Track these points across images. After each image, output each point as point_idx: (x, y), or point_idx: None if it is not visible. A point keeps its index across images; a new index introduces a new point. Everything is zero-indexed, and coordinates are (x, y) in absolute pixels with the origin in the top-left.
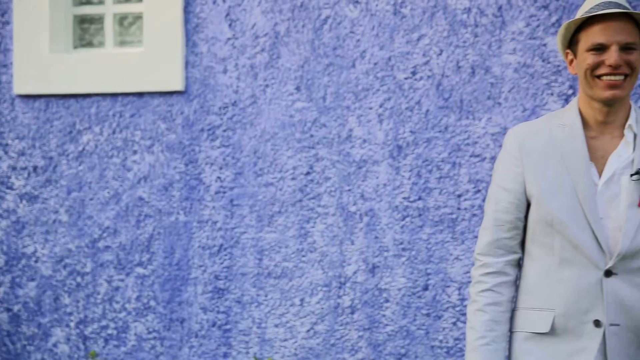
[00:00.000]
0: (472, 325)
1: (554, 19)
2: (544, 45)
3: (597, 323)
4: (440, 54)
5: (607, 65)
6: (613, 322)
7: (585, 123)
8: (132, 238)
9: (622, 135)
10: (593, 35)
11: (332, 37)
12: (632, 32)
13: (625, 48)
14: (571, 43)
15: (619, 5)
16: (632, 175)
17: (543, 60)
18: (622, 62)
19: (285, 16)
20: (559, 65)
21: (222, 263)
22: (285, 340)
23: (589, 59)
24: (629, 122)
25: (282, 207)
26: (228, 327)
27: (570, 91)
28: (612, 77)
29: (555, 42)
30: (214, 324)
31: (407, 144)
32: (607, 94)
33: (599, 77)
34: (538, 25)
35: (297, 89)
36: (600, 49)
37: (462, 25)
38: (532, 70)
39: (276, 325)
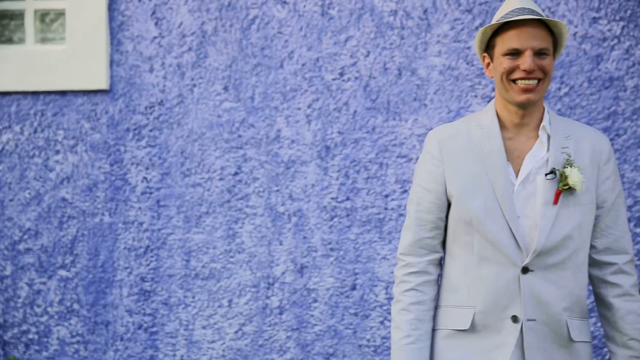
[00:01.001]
0: (397, 324)
1: (477, 22)
2: (468, 48)
3: (515, 319)
4: (368, 56)
5: (521, 69)
6: (530, 318)
7: (502, 125)
8: (55, 240)
9: (537, 137)
10: (508, 40)
11: (260, 37)
12: (545, 38)
13: (539, 53)
14: (488, 47)
15: (533, 12)
16: (547, 174)
17: (467, 63)
18: (536, 66)
19: (212, 15)
20: (482, 68)
21: (148, 265)
22: (213, 341)
23: (505, 63)
24: (543, 123)
25: (209, 208)
26: (154, 329)
27: (493, 93)
28: (527, 82)
29: None
30: (140, 327)
31: (335, 144)
32: (522, 97)
33: (514, 81)
34: (462, 29)
35: (225, 88)
36: (515, 53)
37: (388, 27)
38: (457, 72)
39: (204, 327)
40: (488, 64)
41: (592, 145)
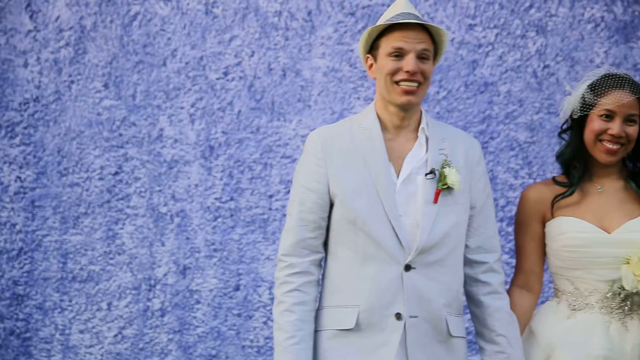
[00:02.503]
0: (281, 326)
1: (360, 25)
2: (351, 50)
3: (398, 316)
4: (252, 56)
5: (404, 71)
6: (412, 314)
7: (382, 126)
8: None
9: (416, 138)
10: (394, 40)
11: (141, 34)
12: (428, 43)
13: (421, 57)
14: (372, 48)
15: (417, 17)
16: (427, 174)
17: (350, 65)
18: (418, 69)
19: (91, 10)
20: (364, 71)
21: (21, 268)
22: (90, 346)
23: (389, 64)
24: (422, 125)
25: (88, 208)
26: (28, 335)
27: (375, 95)
28: (408, 84)
29: None
30: (12, 333)
31: (219, 144)
32: (403, 99)
33: (397, 82)
34: (345, 32)
35: (105, 86)
36: (400, 54)
37: (273, 28)
38: (340, 74)
39: (81, 331)
40: (371, 65)
41: (465, 148)
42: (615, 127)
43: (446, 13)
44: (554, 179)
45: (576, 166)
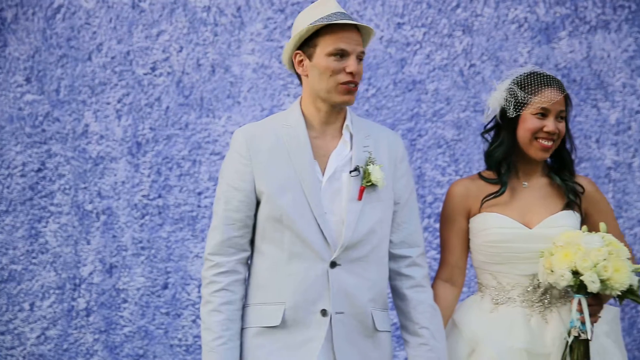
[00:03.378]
0: (208, 326)
1: (289, 22)
2: (281, 47)
3: (323, 312)
4: (181, 51)
5: (347, 72)
6: (338, 311)
7: (308, 124)
8: None
9: (340, 135)
10: (336, 41)
11: (65, 28)
12: (362, 44)
13: (359, 58)
14: (304, 45)
15: (350, 17)
16: (351, 171)
17: (280, 62)
18: (359, 71)
19: (12, 2)
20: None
21: None
22: (12, 348)
23: (332, 64)
24: (346, 123)
25: (9, 206)
26: None
27: None
28: (350, 85)
29: None
30: None
31: (147, 140)
32: (345, 98)
33: (340, 83)
34: (275, 28)
35: (27, 80)
36: (342, 55)
37: (202, 23)
38: (270, 71)
39: (2, 333)
40: (301, 61)
41: (388, 145)
42: (550, 124)
43: (375, 11)
44: (480, 174)
45: (506, 165)
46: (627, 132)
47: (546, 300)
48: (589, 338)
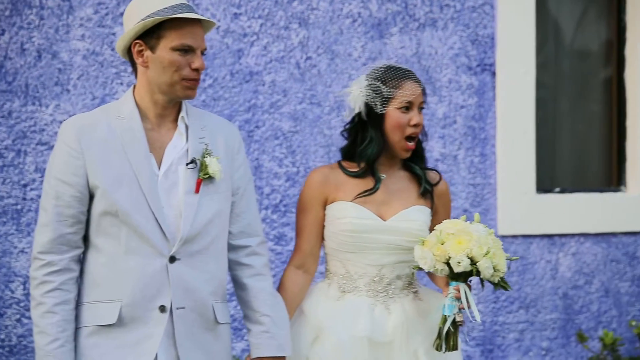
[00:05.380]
0: (42, 329)
1: (122, 8)
2: (113, 34)
3: (162, 308)
4: (3, 34)
5: (192, 68)
6: (179, 306)
7: (142, 115)
8: None
9: (176, 127)
10: (183, 36)
11: None
12: (204, 39)
13: (203, 53)
14: (146, 35)
15: (195, 11)
16: (187, 164)
17: (112, 49)
18: (202, 66)
19: None
20: None
21: None
22: None
23: (177, 59)
24: (182, 114)
25: None
26: None
27: None
28: (193, 81)
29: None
30: None
31: None
32: (188, 93)
33: (184, 78)
34: (107, 14)
35: None
36: (187, 50)
37: (26, 5)
38: (102, 58)
39: None
40: (141, 52)
41: (225, 136)
42: (415, 116)
43: (211, 1)
44: (339, 163)
45: (378, 161)
46: (453, 126)
47: (390, 291)
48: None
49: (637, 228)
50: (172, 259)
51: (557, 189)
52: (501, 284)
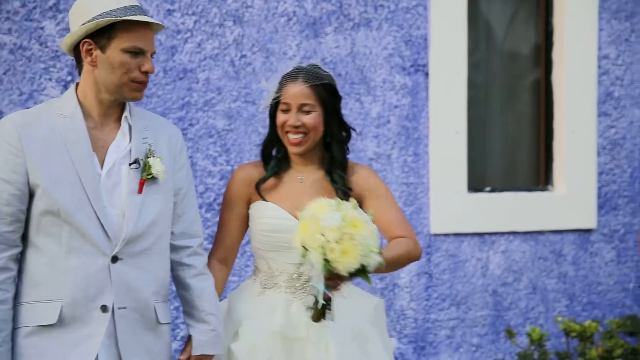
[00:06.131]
0: None
1: (51, 2)
2: (42, 28)
3: (104, 308)
4: None
5: (142, 71)
6: (121, 306)
7: (85, 114)
8: None
9: (119, 127)
10: (136, 39)
11: None
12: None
13: (152, 56)
14: (98, 35)
15: (146, 13)
16: (131, 164)
17: (41, 44)
18: (152, 69)
19: None
20: (57, 51)
21: None
22: None
23: (128, 61)
24: (125, 114)
25: None
26: None
27: (69, 77)
28: (143, 83)
29: (53, 27)
30: None
31: None
32: (136, 94)
33: (133, 80)
34: (35, 7)
35: None
36: (138, 53)
37: None
38: (29, 53)
39: None
40: (90, 50)
41: (168, 136)
42: (291, 118)
43: None
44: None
45: (274, 155)
46: (387, 126)
47: (308, 288)
48: (323, 303)
49: (564, 226)
50: (115, 259)
51: (488, 188)
52: (361, 276)
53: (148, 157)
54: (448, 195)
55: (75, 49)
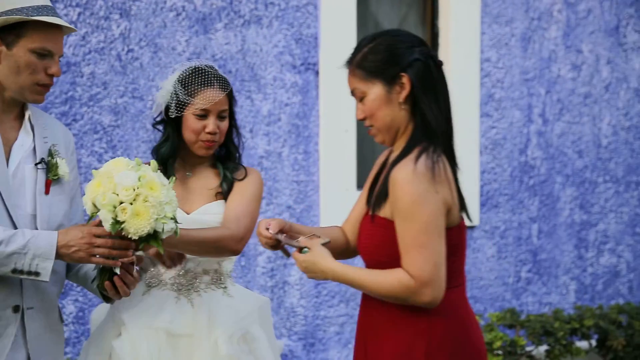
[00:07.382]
0: None
1: None
2: None
3: (15, 308)
4: None
5: (48, 74)
6: (29, 306)
7: None
8: None
9: (20, 126)
10: (46, 40)
11: None
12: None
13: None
14: (5, 31)
15: (59, 15)
16: (37, 164)
17: None
18: (59, 72)
19: None
20: None
21: None
22: None
23: (34, 61)
24: (28, 112)
25: None
26: None
27: None
28: (47, 86)
29: None
30: None
31: None
32: (37, 97)
33: (36, 83)
34: None
35: None
36: (46, 55)
37: None
38: None
39: None
40: None
41: (63, 137)
42: (210, 125)
43: None
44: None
45: (173, 160)
46: (278, 123)
47: (196, 285)
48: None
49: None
50: None
51: None
52: (152, 242)
53: (52, 158)
54: (338, 193)
55: None
